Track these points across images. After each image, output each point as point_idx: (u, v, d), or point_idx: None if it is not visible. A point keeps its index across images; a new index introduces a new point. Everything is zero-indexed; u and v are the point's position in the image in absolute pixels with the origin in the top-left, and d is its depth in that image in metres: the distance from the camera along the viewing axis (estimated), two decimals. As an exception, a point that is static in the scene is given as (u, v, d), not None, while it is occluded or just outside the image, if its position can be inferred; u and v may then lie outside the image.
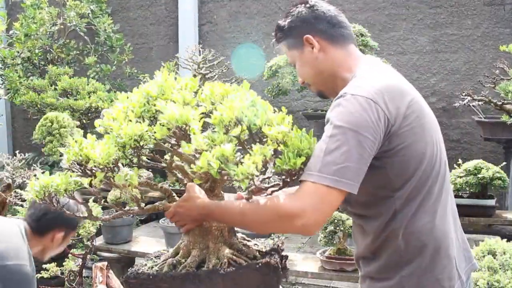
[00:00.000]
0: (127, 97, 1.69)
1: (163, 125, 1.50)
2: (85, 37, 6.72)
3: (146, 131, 1.52)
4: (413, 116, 1.59)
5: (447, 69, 6.11)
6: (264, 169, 1.49)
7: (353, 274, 3.15)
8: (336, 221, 3.16)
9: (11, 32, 6.55)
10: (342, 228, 3.13)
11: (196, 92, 1.68)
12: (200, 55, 5.12)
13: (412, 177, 1.60)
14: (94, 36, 6.85)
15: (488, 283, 2.54)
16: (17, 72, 6.30)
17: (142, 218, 5.82)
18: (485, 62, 5.95)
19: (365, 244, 1.73)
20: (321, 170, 1.47)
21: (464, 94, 4.85)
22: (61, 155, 1.67)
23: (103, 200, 1.80)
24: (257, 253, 1.74)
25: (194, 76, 4.97)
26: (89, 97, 5.86)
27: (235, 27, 6.97)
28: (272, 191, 1.58)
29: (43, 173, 1.70)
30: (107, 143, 1.52)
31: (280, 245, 1.90)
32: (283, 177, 1.59)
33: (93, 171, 1.54)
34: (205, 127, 1.53)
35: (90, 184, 1.56)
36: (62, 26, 6.62)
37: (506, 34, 5.85)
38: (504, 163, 4.15)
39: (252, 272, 1.66)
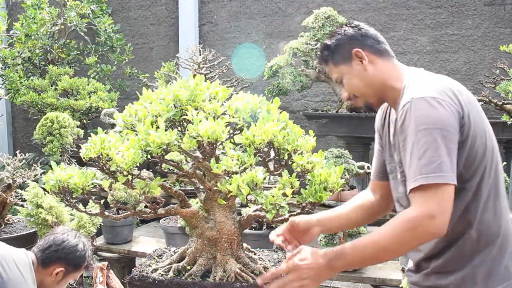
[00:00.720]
0: (154, 96, 1.62)
1: (193, 137, 1.46)
2: (86, 37, 6.72)
3: (174, 140, 1.48)
4: (473, 110, 1.68)
5: (447, 69, 6.11)
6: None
7: (353, 274, 3.14)
8: (336, 221, 3.15)
9: (11, 32, 6.54)
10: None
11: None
12: (200, 55, 5.12)
13: (479, 167, 1.67)
14: (94, 36, 6.84)
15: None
16: (17, 72, 6.29)
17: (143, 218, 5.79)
18: (485, 62, 5.94)
19: (434, 242, 1.74)
20: (422, 172, 1.55)
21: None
22: (62, 154, 1.66)
23: (103, 199, 1.79)
24: (263, 269, 1.73)
25: (194, 76, 4.96)
26: (90, 97, 5.86)
27: (235, 27, 6.96)
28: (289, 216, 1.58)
29: (43, 173, 1.70)
30: (132, 146, 1.48)
31: (284, 260, 1.90)
32: (304, 205, 1.59)
33: (114, 174, 1.51)
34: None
35: (110, 186, 1.54)
36: (62, 26, 6.61)
37: (506, 34, 5.84)
38: (505, 163, 4.13)
39: None
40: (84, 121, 5.86)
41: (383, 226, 1.63)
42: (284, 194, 1.45)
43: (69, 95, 5.96)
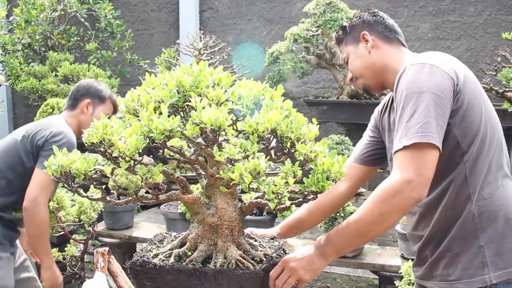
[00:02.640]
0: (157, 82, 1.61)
1: (196, 124, 1.45)
2: (86, 23, 6.69)
3: (177, 126, 1.47)
4: (470, 81, 1.69)
5: (448, 56, 6.09)
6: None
7: (352, 260, 3.17)
8: (336, 207, 3.17)
9: (11, 18, 6.52)
10: (342, 215, 3.14)
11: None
12: (201, 41, 5.10)
13: (476, 137, 1.66)
14: (94, 22, 6.81)
15: None
16: (17, 59, 6.28)
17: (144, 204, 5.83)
18: (487, 49, 5.92)
19: (435, 222, 1.74)
20: (407, 134, 1.56)
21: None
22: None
23: (104, 185, 1.80)
24: (263, 257, 1.74)
25: (198, 62, 4.95)
26: (90, 83, 5.84)
27: (236, 13, 6.93)
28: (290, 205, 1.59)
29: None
30: (135, 132, 1.47)
31: (284, 247, 1.91)
32: (306, 193, 1.58)
33: (117, 160, 1.50)
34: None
35: (112, 172, 1.54)
36: (62, 12, 6.58)
37: (508, 21, 5.82)
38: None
39: (258, 277, 1.67)
40: (85, 108, 5.85)
41: (364, 202, 1.63)
42: (287, 183, 1.44)
43: (69, 81, 5.95)
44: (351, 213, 3.10)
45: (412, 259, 1.98)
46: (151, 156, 4.24)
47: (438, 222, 1.73)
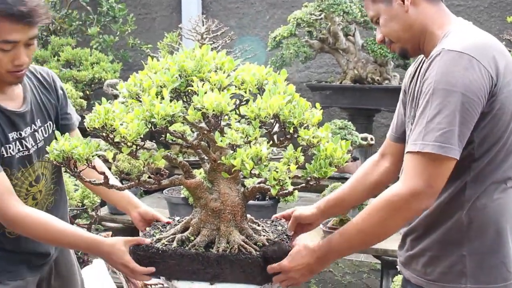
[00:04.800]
0: (159, 66, 1.59)
1: (198, 109, 1.45)
2: (88, 7, 6.65)
3: (179, 111, 1.46)
4: (509, 78, 1.50)
5: (452, 41, 6.05)
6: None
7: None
8: (339, 192, 3.16)
9: (13, 2, 6.47)
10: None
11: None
12: (203, 25, 5.07)
13: (494, 146, 1.53)
14: (96, 7, 6.77)
15: None
16: (19, 43, 6.25)
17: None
18: (491, 33, 5.83)
19: (423, 216, 1.65)
20: (425, 137, 1.42)
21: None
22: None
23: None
24: (266, 242, 1.74)
25: (201, 46, 4.92)
26: (92, 68, 5.83)
27: (238, -3, 6.88)
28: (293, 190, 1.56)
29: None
30: (137, 117, 1.46)
31: (287, 232, 1.91)
32: (309, 179, 1.57)
33: (119, 145, 1.50)
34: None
35: (114, 157, 1.54)
36: (64, -4, 6.55)
37: (513, 5, 5.76)
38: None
39: (260, 261, 1.68)
40: (87, 92, 5.84)
41: (367, 208, 1.55)
42: (289, 169, 1.44)
43: (71, 66, 5.93)
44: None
45: None
46: (154, 141, 4.24)
47: (426, 218, 1.65)
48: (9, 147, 1.85)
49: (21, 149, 1.88)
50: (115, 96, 4.66)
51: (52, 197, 2.12)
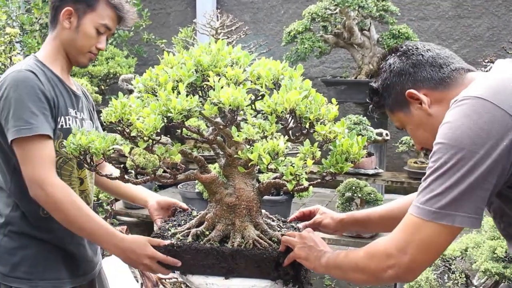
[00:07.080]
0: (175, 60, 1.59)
1: (214, 104, 1.44)
2: (103, 2, 6.69)
3: (195, 106, 1.46)
4: None
5: (469, 35, 5.98)
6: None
7: (370, 241, 3.15)
8: (354, 187, 3.16)
9: (29, -3, 6.53)
10: (359, 195, 3.13)
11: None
12: (218, 20, 5.06)
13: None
14: (111, 2, 6.81)
15: None
16: (35, 38, 6.30)
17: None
18: (509, 28, 5.80)
19: None
20: (426, 203, 1.22)
21: (486, 61, 4.74)
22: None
23: (121, 165, 1.81)
24: (281, 237, 1.74)
25: (216, 41, 4.91)
26: (107, 63, 5.86)
27: (253, -8, 6.87)
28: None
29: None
30: (153, 112, 1.46)
31: (301, 227, 1.91)
32: (324, 174, 1.56)
33: (135, 139, 1.51)
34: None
35: (130, 152, 1.55)
36: (79, -9, 6.58)
37: (532, -2, 5.69)
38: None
39: (275, 257, 1.67)
40: (102, 87, 5.88)
41: (360, 251, 1.42)
42: (305, 165, 1.43)
43: (86, 61, 5.96)
44: (369, 193, 3.09)
45: None
46: (168, 136, 4.26)
47: None
48: (68, 119, 1.93)
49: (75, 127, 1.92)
50: (130, 91, 4.67)
51: (91, 190, 2.14)
